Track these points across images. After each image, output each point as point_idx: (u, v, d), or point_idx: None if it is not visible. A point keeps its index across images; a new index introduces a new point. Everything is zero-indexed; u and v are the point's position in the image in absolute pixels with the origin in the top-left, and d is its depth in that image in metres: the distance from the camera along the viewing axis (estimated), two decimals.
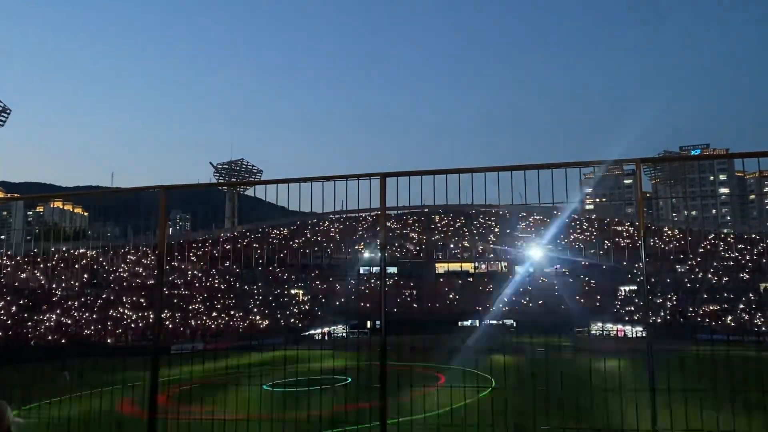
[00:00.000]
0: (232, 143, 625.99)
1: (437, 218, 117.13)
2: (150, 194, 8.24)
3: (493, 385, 23.44)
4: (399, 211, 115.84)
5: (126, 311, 74.45)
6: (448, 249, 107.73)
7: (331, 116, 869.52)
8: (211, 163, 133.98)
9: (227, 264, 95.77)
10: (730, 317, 72.30)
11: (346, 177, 7.07)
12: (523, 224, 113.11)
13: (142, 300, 77.73)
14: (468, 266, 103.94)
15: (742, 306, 74.30)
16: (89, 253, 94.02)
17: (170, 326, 68.64)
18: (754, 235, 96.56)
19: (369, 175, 7.00)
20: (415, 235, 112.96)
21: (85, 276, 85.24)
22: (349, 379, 26.39)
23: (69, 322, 70.00)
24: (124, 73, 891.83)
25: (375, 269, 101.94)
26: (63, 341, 61.94)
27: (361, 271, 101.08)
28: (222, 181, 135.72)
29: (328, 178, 7.17)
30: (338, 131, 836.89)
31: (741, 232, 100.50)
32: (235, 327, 75.98)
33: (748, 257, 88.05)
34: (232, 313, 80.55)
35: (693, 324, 70.87)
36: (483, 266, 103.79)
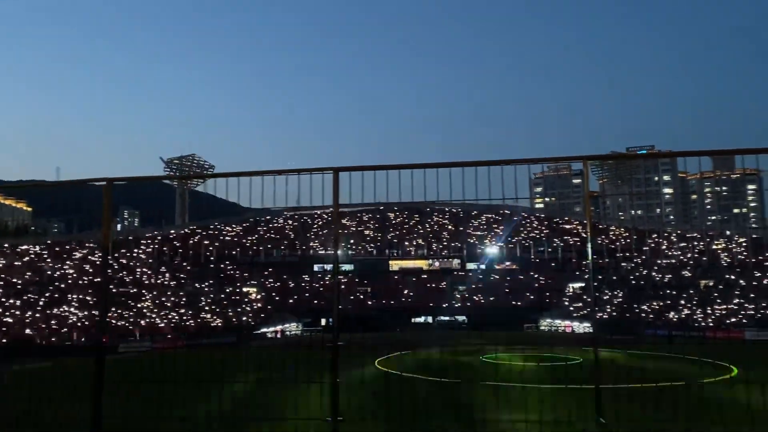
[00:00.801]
0: (183, 139, 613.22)
1: (392, 216, 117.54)
2: (97, 189, 8.02)
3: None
4: (354, 209, 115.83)
5: (72, 310, 72.17)
6: (402, 246, 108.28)
7: (287, 113, 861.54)
8: (161, 158, 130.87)
9: (177, 261, 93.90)
10: (672, 313, 74.93)
11: (298, 171, 7.02)
12: (476, 222, 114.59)
13: (89, 298, 75.48)
14: (422, 263, 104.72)
15: (683, 302, 77.10)
16: (32, 249, 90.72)
17: (118, 325, 66.87)
18: (695, 234, 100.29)
19: (322, 170, 6.96)
20: (370, 233, 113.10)
21: (28, 273, 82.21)
22: None
23: (11, 321, 67.38)
24: (70, 65, 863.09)
25: (329, 266, 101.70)
26: (4, 341, 59.58)
27: (316, 269, 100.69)
28: (173, 176, 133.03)
29: (279, 172, 7.10)
30: (295, 128, 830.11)
31: (683, 231, 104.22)
32: (186, 326, 74.59)
33: (689, 255, 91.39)
34: (182, 311, 79.03)
35: (637, 320, 73.21)
36: (437, 263, 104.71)
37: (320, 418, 7.16)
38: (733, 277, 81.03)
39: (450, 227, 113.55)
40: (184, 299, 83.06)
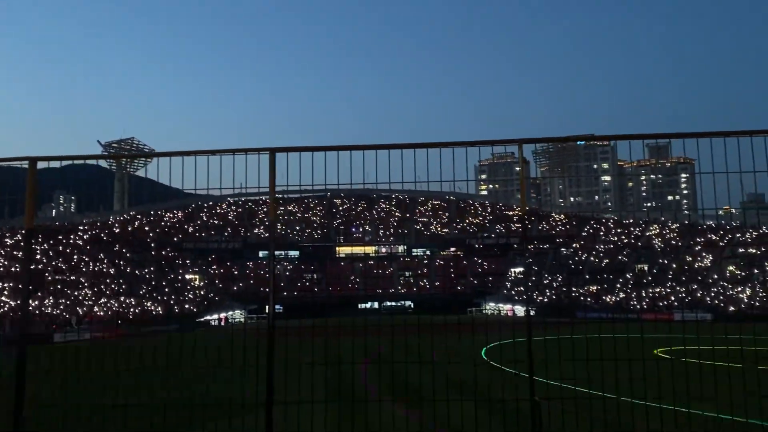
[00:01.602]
0: (123, 123, 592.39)
1: (339, 202, 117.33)
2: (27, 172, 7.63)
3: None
4: (300, 195, 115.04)
5: (3, 299, 69.17)
6: (349, 233, 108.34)
7: (230, 95, 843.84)
8: (99, 141, 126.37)
9: (117, 248, 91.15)
10: (609, 296, 77.73)
11: (233, 151, 6.87)
12: (422, 208, 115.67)
13: (22, 287, 72.47)
14: (369, 249, 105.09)
15: (619, 286, 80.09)
16: None
17: (53, 314, 64.51)
18: (631, 220, 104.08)
19: (258, 150, 6.83)
20: (317, 219, 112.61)
21: None
22: None
23: None
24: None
25: (276, 253, 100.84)
26: None
27: (261, 255, 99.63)
28: (110, 161, 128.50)
29: (213, 152, 6.93)
30: (233, 111, 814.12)
31: (620, 217, 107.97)
32: (126, 314, 72.61)
33: (626, 240, 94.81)
34: (122, 299, 76.88)
35: (575, 303, 75.65)
36: (383, 249, 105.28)
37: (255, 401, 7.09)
38: (665, 261, 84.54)
39: (397, 214, 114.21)
40: (123, 287, 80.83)
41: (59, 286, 74.08)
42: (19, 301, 68.16)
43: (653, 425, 7.54)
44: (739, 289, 70.71)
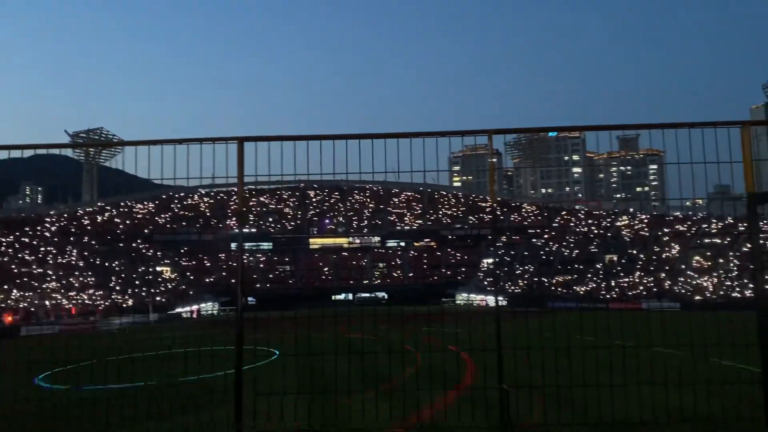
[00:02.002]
0: (91, 112, 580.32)
1: (312, 193, 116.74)
2: None
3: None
4: (273, 186, 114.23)
5: None
6: (323, 224, 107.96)
7: (203, 86, 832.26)
8: (66, 131, 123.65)
9: (85, 240, 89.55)
10: (579, 286, 78.88)
11: (201, 140, 6.78)
12: (396, 200, 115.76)
13: None
14: (342, 241, 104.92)
15: (590, 276, 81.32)
16: None
17: (20, 306, 63.18)
18: (601, 211, 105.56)
19: (226, 139, 6.75)
20: (289, 211, 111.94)
21: None
22: None
23: None
24: None
25: (247, 245, 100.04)
26: None
27: (233, 247, 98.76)
28: (79, 151, 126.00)
29: (180, 141, 6.82)
30: (205, 102, 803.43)
31: (590, 209, 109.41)
32: (96, 306, 71.46)
33: (596, 231, 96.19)
34: (91, 292, 75.65)
35: (546, 293, 76.64)
36: (357, 241, 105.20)
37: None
38: (634, 251, 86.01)
39: (370, 205, 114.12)
40: (93, 279, 79.52)
41: (25, 279, 72.57)
42: None
43: (619, 411, 7.69)
44: (705, 278, 72.34)
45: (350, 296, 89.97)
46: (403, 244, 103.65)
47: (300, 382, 11.59)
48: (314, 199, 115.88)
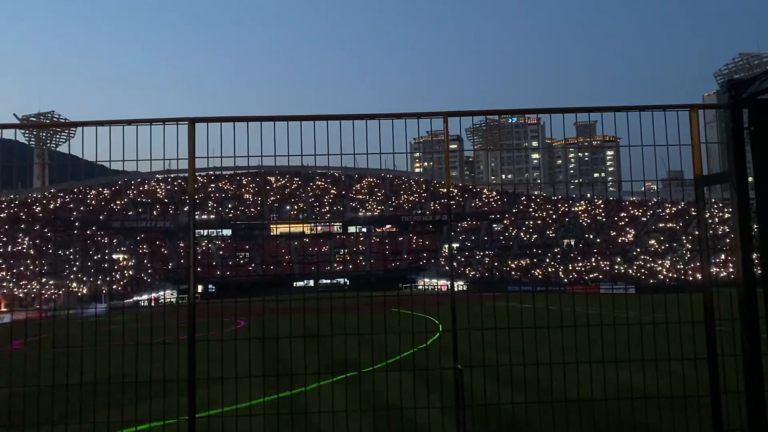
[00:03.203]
0: (41, 95, 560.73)
1: (272, 179, 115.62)
2: None
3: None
4: (233, 171, 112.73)
5: None
6: (284, 210, 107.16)
7: (155, 67, 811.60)
8: (15, 114, 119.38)
9: (37, 228, 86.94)
10: (538, 270, 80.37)
11: (150, 121, 6.58)
12: (358, 186, 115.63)
13: None
14: (304, 227, 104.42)
15: (548, 260, 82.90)
16: None
17: None
18: (559, 197, 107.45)
19: (176, 120, 6.57)
20: (250, 197, 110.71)
21: None
22: None
23: None
24: None
25: (206, 232, 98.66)
26: None
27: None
28: (29, 135, 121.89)
29: (129, 122, 6.62)
30: (156, 83, 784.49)
31: (549, 194, 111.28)
32: (48, 295, 69.62)
33: (554, 216, 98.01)
34: (43, 280, 73.65)
35: (506, 277, 77.85)
36: (318, 227, 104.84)
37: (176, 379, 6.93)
38: (591, 236, 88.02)
39: (332, 191, 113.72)
40: (45, 268, 77.37)
41: None
42: None
43: (571, 388, 7.85)
44: (660, 262, 74.56)
45: (311, 283, 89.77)
46: (364, 230, 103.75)
47: (256, 367, 11.50)
48: (275, 185, 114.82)
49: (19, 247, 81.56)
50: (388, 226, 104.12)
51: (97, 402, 9.33)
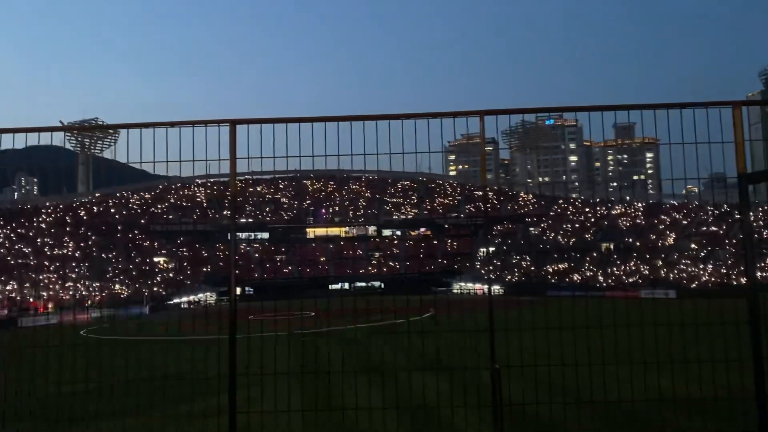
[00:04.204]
0: (87, 102, 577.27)
1: (308, 183, 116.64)
2: None
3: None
4: (270, 176, 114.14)
5: None
6: (319, 214, 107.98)
7: (196, 75, 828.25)
8: (61, 121, 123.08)
9: (82, 231, 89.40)
10: (576, 274, 79.09)
11: (193, 123, 6.75)
12: (392, 189, 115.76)
13: None
14: (339, 231, 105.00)
15: (587, 264, 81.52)
16: None
17: (17, 298, 63.14)
18: (597, 200, 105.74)
19: (218, 122, 6.72)
20: (286, 201, 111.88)
21: None
22: None
23: None
24: None
25: (244, 235, 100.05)
26: None
27: (229, 237, 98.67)
28: (74, 142, 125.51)
29: (172, 124, 6.80)
30: (198, 89, 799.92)
31: (587, 197, 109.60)
32: (93, 297, 71.46)
33: (592, 219, 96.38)
34: (88, 283, 75.60)
35: (543, 281, 76.85)
36: (353, 231, 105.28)
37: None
38: (630, 240, 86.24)
39: (366, 194, 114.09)
40: (90, 270, 79.43)
41: (22, 270, 72.49)
42: None
43: (611, 392, 7.75)
44: (701, 266, 72.63)
45: (347, 285, 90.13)
46: (399, 233, 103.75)
47: (295, 369, 11.63)
48: (310, 189, 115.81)
49: (65, 251, 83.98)
50: (422, 230, 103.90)
51: (140, 399, 9.59)
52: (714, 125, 7.03)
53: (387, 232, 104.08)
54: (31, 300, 65.33)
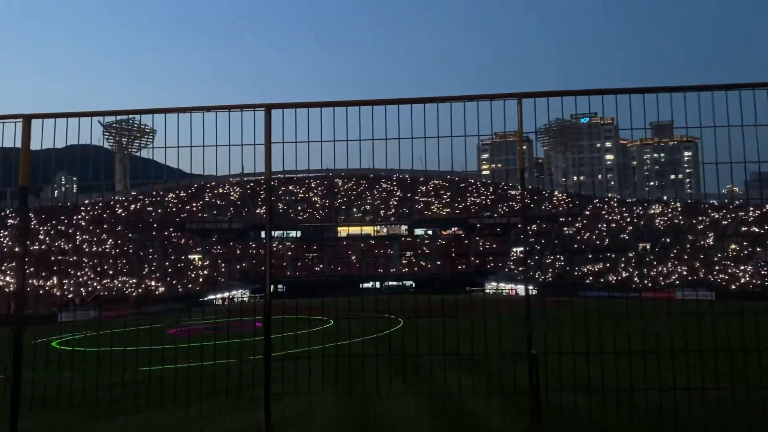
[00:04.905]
0: (125, 102, 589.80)
1: (340, 182, 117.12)
2: (34, 156, 7.58)
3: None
4: (301, 175, 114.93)
5: (7, 279, 69.48)
6: (350, 213, 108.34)
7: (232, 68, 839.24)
8: (99, 121, 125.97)
9: (119, 228, 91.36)
10: (611, 275, 77.75)
11: (229, 108, 6.81)
12: (424, 188, 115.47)
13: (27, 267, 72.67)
14: (370, 229, 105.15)
15: (622, 265, 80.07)
16: None
17: (57, 294, 64.84)
18: (634, 199, 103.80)
19: (253, 106, 6.77)
20: (318, 199, 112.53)
21: None
22: None
23: None
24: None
25: (276, 233, 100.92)
26: None
27: (263, 235, 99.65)
28: (112, 141, 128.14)
29: (209, 109, 6.86)
30: (233, 80, 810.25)
31: (623, 197, 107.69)
32: (129, 294, 72.97)
33: (628, 219, 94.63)
34: (124, 279, 77.22)
35: (577, 282, 75.74)
36: (384, 230, 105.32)
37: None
38: (667, 240, 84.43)
39: (398, 193, 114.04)
40: (127, 267, 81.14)
41: (62, 267, 74.39)
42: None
43: (652, 380, 7.56)
44: (742, 267, 70.71)
45: (378, 284, 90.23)
46: (430, 232, 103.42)
47: (328, 367, 11.62)
48: (342, 188, 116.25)
49: (103, 247, 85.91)
50: (454, 229, 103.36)
51: (177, 392, 9.71)
52: (762, 107, 6.79)
53: (419, 232, 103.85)
54: (70, 295, 67.02)
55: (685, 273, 73.17)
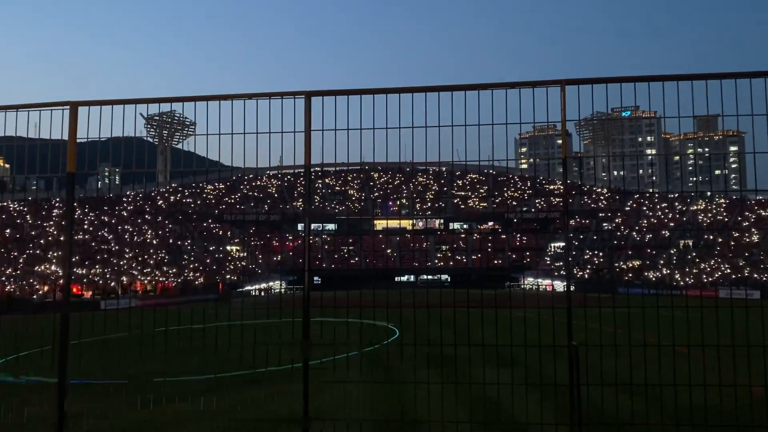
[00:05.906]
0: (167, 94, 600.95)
1: (376, 175, 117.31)
2: (79, 147, 7.77)
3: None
4: (338, 168, 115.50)
5: (53, 267, 71.68)
6: (386, 206, 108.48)
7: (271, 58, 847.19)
8: (141, 114, 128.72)
9: (159, 219, 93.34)
10: (651, 272, 76.13)
11: (269, 95, 6.84)
12: (460, 182, 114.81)
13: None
14: (406, 223, 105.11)
15: (663, 262, 78.32)
16: (11, 206, 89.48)
17: (100, 282, 66.62)
18: (676, 195, 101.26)
19: (293, 94, 6.79)
20: (354, 192, 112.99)
21: (8, 231, 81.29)
22: None
23: None
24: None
25: (313, 226, 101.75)
26: None
27: (300, 228, 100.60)
28: (153, 133, 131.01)
29: (249, 96, 6.91)
30: (271, 69, 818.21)
31: (664, 192, 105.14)
32: (169, 283, 74.52)
33: (670, 215, 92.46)
34: (165, 269, 78.89)
35: (616, 279, 74.37)
36: (420, 223, 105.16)
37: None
38: (711, 237, 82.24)
39: (434, 187, 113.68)
40: (167, 257, 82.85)
41: (105, 255, 76.36)
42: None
43: (697, 374, 7.36)
44: None
45: (413, 278, 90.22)
46: (466, 226, 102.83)
47: (364, 358, 11.64)
48: (378, 181, 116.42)
49: (144, 237, 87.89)
50: (490, 223, 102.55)
51: (217, 383, 9.80)
52: None
53: (454, 226, 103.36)
54: (113, 284, 68.77)
55: (728, 271, 71.19)
